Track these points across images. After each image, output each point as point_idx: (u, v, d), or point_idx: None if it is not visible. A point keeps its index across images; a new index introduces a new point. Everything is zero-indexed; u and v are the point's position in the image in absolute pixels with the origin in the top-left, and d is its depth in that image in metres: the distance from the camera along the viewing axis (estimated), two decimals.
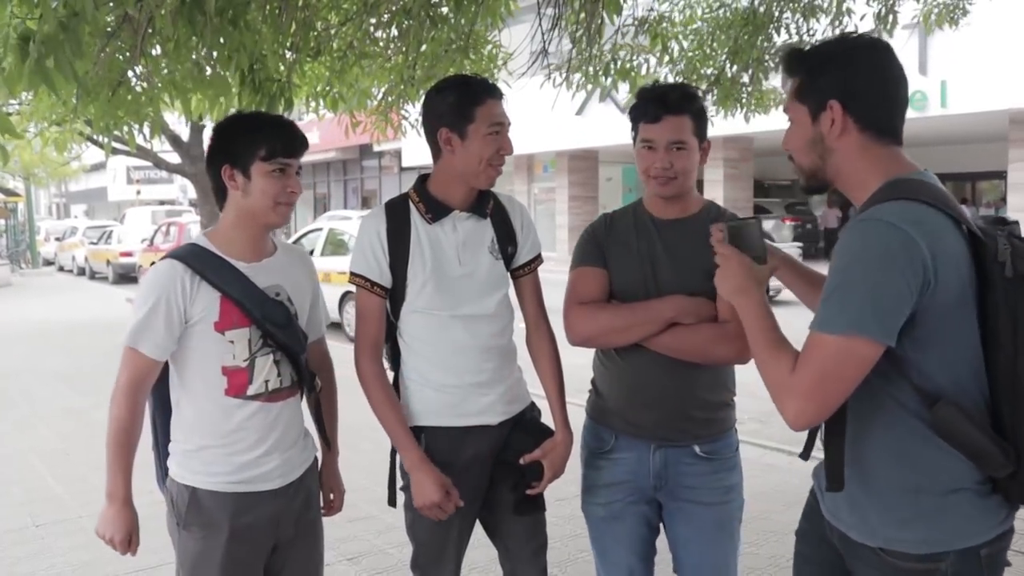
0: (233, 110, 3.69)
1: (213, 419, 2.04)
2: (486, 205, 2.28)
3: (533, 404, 2.40)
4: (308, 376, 2.18)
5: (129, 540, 2.03)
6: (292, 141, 2.05)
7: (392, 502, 2.36)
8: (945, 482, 1.55)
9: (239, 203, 2.05)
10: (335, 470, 2.39)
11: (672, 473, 2.26)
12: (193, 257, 2.02)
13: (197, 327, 2.01)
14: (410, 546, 2.34)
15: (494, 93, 2.21)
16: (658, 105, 2.18)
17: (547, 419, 2.37)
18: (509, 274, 2.35)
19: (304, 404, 2.24)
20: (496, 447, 2.28)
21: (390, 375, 2.32)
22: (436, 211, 2.23)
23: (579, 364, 2.68)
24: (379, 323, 2.26)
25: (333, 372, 2.41)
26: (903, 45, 7.44)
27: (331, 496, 2.38)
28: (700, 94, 2.07)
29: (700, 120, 2.22)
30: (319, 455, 2.32)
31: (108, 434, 2.00)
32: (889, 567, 1.59)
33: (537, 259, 2.38)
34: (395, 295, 2.25)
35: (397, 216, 2.24)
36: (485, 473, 2.29)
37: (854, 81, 1.61)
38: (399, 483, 2.33)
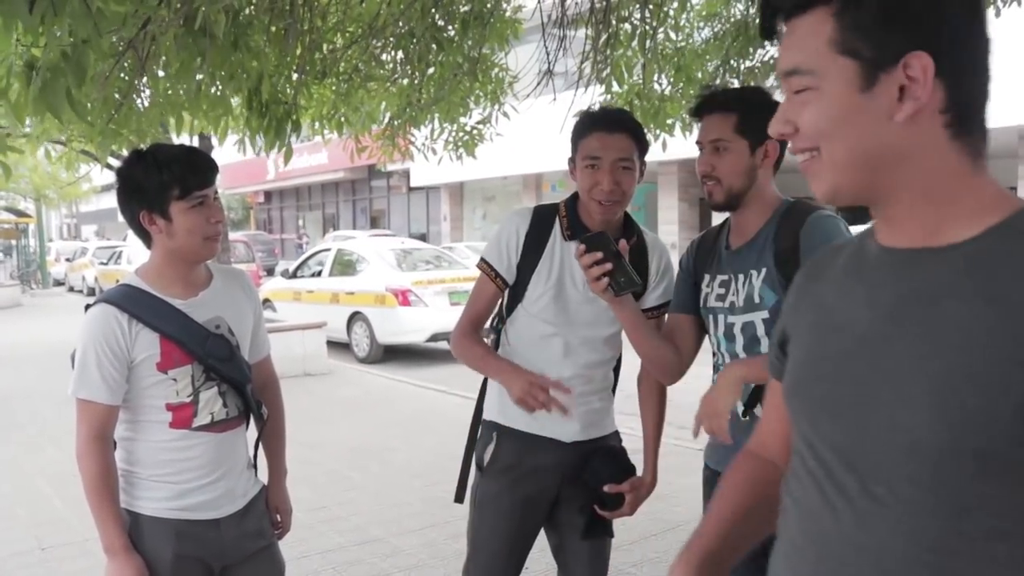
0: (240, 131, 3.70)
1: (158, 450, 2.02)
2: (628, 239, 2.16)
3: (617, 434, 2.38)
4: (255, 405, 2.17)
5: None
6: (203, 170, 2.00)
7: (460, 499, 2.37)
8: None
9: (166, 244, 2.01)
10: (281, 490, 2.35)
11: None
12: (126, 300, 1.99)
13: (140, 368, 1.98)
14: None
15: (595, 125, 2.20)
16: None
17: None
18: None
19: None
20: (563, 465, 2.26)
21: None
22: (575, 230, 2.25)
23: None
24: (488, 306, 2.32)
25: (279, 392, 2.39)
26: None
27: (277, 517, 2.34)
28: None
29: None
30: (266, 482, 2.30)
31: (86, 491, 1.95)
32: None
33: (665, 307, 2.29)
34: (514, 293, 2.29)
35: (541, 223, 2.30)
36: (546, 486, 2.29)
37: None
38: (471, 479, 2.35)
